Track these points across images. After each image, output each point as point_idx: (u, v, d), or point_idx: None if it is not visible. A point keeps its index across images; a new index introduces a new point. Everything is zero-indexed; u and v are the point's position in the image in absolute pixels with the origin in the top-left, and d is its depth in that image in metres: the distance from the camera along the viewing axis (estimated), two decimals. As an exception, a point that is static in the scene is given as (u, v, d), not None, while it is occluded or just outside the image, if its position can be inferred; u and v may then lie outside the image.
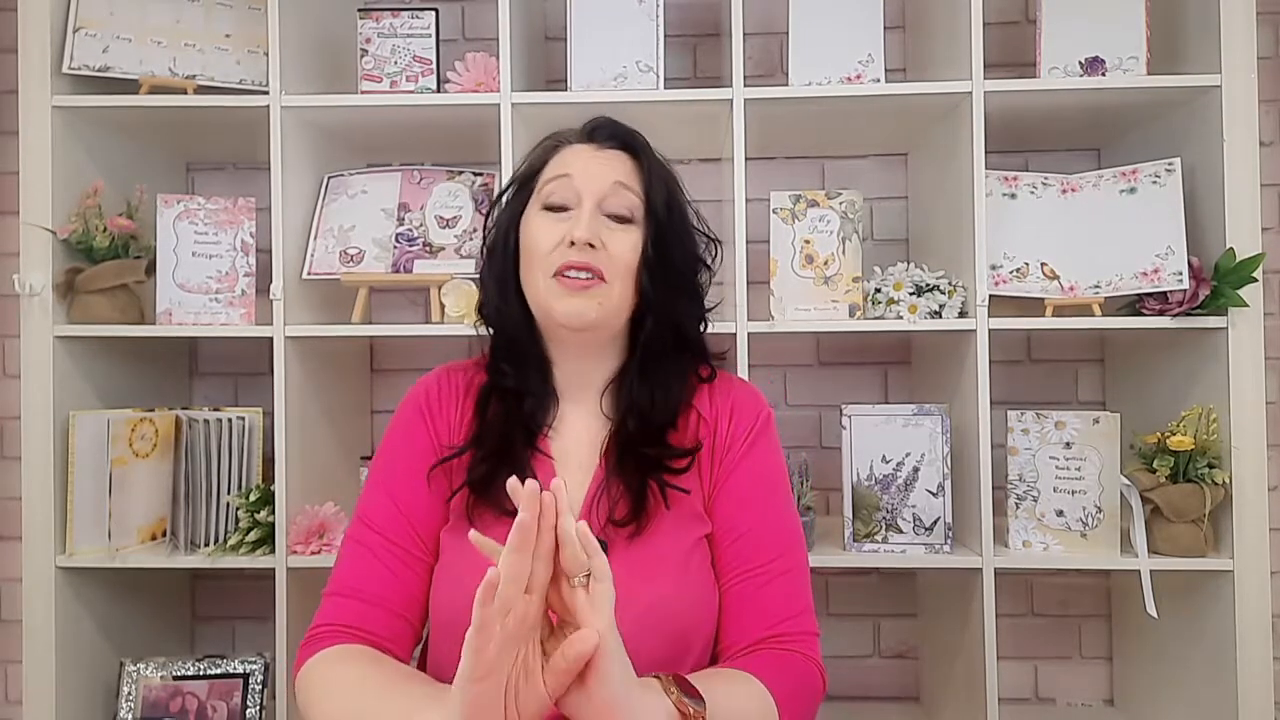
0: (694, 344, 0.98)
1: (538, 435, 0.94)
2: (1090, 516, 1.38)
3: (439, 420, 0.95)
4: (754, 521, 0.91)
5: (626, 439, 0.92)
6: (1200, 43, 1.41)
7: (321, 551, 1.42)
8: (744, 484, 0.92)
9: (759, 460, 0.94)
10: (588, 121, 0.98)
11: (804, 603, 0.90)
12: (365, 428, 1.79)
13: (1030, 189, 1.48)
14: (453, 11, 1.79)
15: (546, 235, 0.90)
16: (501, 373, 0.96)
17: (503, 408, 0.94)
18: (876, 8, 1.44)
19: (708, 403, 0.96)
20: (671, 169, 0.98)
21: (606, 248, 0.89)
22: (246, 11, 1.53)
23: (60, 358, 1.43)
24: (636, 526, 0.88)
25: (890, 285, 1.42)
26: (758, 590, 0.89)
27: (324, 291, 1.55)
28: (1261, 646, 1.33)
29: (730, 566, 0.90)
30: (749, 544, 0.90)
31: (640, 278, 0.91)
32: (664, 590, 0.86)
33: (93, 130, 1.50)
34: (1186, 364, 1.44)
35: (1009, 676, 1.74)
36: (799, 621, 0.89)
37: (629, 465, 0.90)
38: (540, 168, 0.95)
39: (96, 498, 1.42)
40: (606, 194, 0.90)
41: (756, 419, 0.95)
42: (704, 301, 0.99)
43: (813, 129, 1.62)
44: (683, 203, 0.97)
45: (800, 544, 0.93)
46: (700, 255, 0.98)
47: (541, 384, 0.96)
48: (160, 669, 1.47)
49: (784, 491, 0.95)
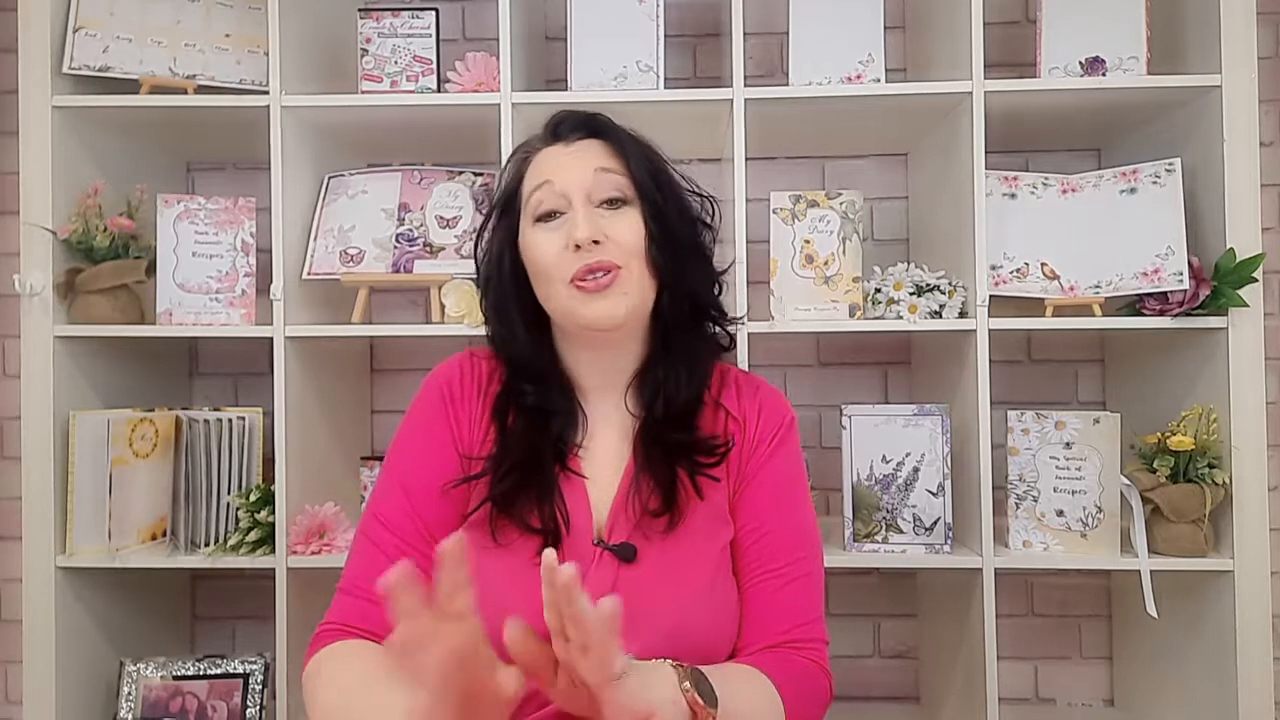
0: (711, 307, 0.97)
1: (568, 455, 0.92)
2: (1090, 516, 1.38)
3: (460, 412, 0.93)
4: (777, 522, 0.91)
5: (655, 428, 0.91)
6: (1200, 43, 1.41)
7: (322, 551, 1.42)
8: (769, 484, 0.92)
9: (784, 462, 0.94)
10: (548, 121, 0.96)
11: (818, 610, 0.91)
12: (365, 428, 1.79)
13: (1030, 189, 1.48)
14: (453, 11, 1.79)
15: (548, 245, 0.88)
16: (523, 392, 0.93)
17: (525, 423, 0.92)
18: (876, 8, 1.44)
19: (735, 402, 0.96)
20: (643, 138, 0.96)
21: (610, 237, 0.87)
22: (246, 11, 1.53)
23: (60, 358, 1.43)
24: (670, 519, 0.87)
25: (890, 285, 1.42)
26: (776, 592, 0.89)
27: (324, 291, 1.55)
28: (1261, 646, 1.33)
29: (751, 566, 0.90)
30: (771, 544, 0.90)
31: (651, 255, 0.89)
32: (691, 594, 0.85)
33: (93, 130, 1.50)
34: (1186, 364, 1.44)
35: (1009, 676, 1.74)
36: (813, 628, 0.89)
37: (657, 455, 0.90)
38: (518, 183, 0.94)
39: (96, 498, 1.42)
40: (592, 185, 0.89)
41: (782, 421, 0.95)
42: (714, 262, 0.97)
43: (813, 129, 1.62)
44: (666, 168, 0.95)
45: (819, 550, 0.93)
46: (699, 216, 0.96)
47: (565, 401, 0.94)
48: (160, 669, 1.47)
49: (806, 496, 0.95)
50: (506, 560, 0.86)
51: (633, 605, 0.73)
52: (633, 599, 0.70)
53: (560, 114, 0.95)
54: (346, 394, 1.69)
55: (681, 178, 0.97)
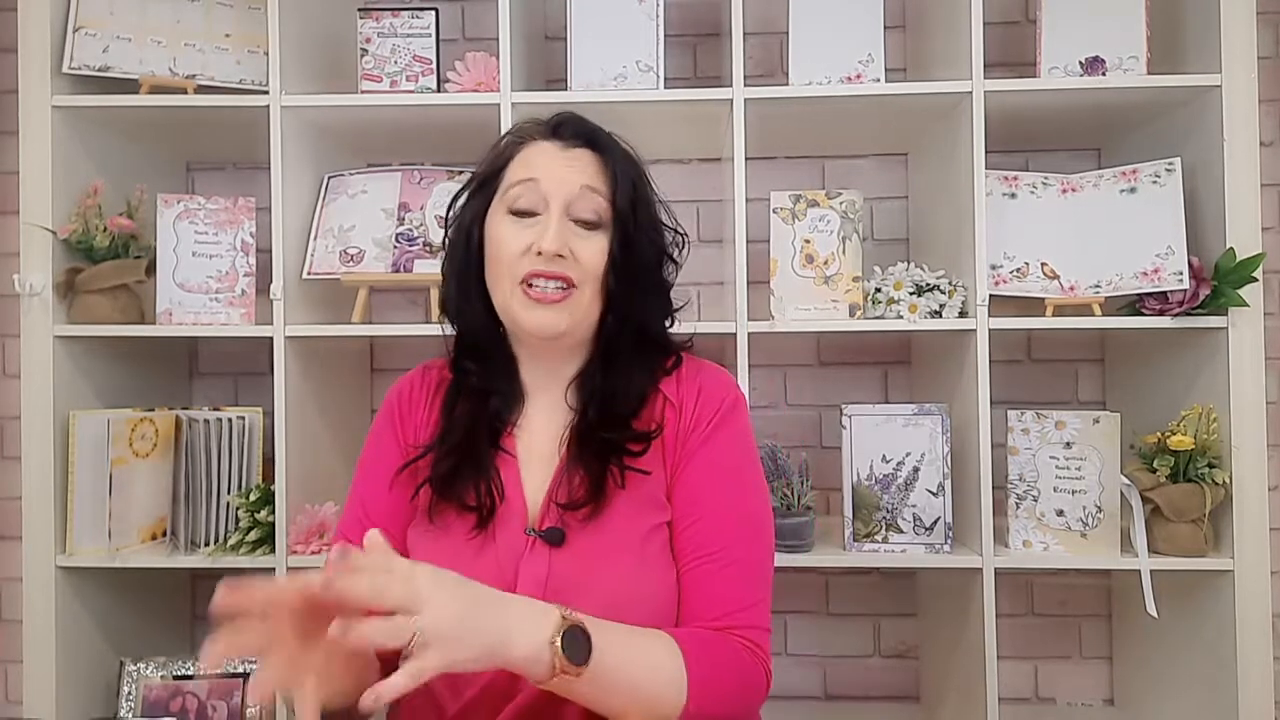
0: (657, 339, 0.97)
1: (502, 433, 0.94)
2: (1090, 516, 1.38)
3: (407, 423, 0.97)
4: (713, 506, 0.89)
5: (587, 427, 0.91)
6: (1200, 43, 1.41)
7: (321, 551, 1.42)
8: (704, 468, 0.90)
9: (723, 445, 0.91)
10: (553, 116, 0.95)
11: (758, 595, 0.87)
12: (365, 428, 1.76)
13: (1030, 189, 1.48)
14: (453, 11, 1.79)
15: (513, 241, 0.88)
16: (466, 370, 0.96)
17: (469, 405, 0.94)
18: (876, 8, 1.44)
19: (675, 387, 0.94)
20: (639, 162, 0.96)
21: (575, 255, 0.88)
22: (246, 11, 1.52)
23: (60, 358, 1.43)
24: (593, 509, 0.87)
25: (890, 285, 1.42)
26: (710, 576, 0.87)
27: (324, 291, 1.55)
28: (1261, 646, 1.33)
29: (686, 549, 0.88)
30: (705, 528, 0.88)
31: (607, 280, 0.90)
32: (621, 572, 0.85)
33: (93, 130, 1.50)
34: (1186, 364, 1.44)
35: (1009, 676, 1.74)
36: (750, 614, 0.86)
37: (589, 452, 0.90)
38: (504, 166, 0.93)
39: (96, 498, 1.42)
40: (574, 199, 0.89)
41: (722, 404, 0.93)
42: (670, 298, 0.97)
43: (813, 129, 1.62)
44: (650, 199, 0.95)
45: (762, 536, 0.90)
46: (666, 250, 0.96)
47: (507, 381, 0.96)
48: (160, 669, 1.47)
49: (749, 480, 0.92)
50: (442, 542, 0.89)
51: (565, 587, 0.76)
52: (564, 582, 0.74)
53: (566, 114, 0.95)
54: (346, 394, 1.69)
55: (664, 209, 0.97)
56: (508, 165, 0.93)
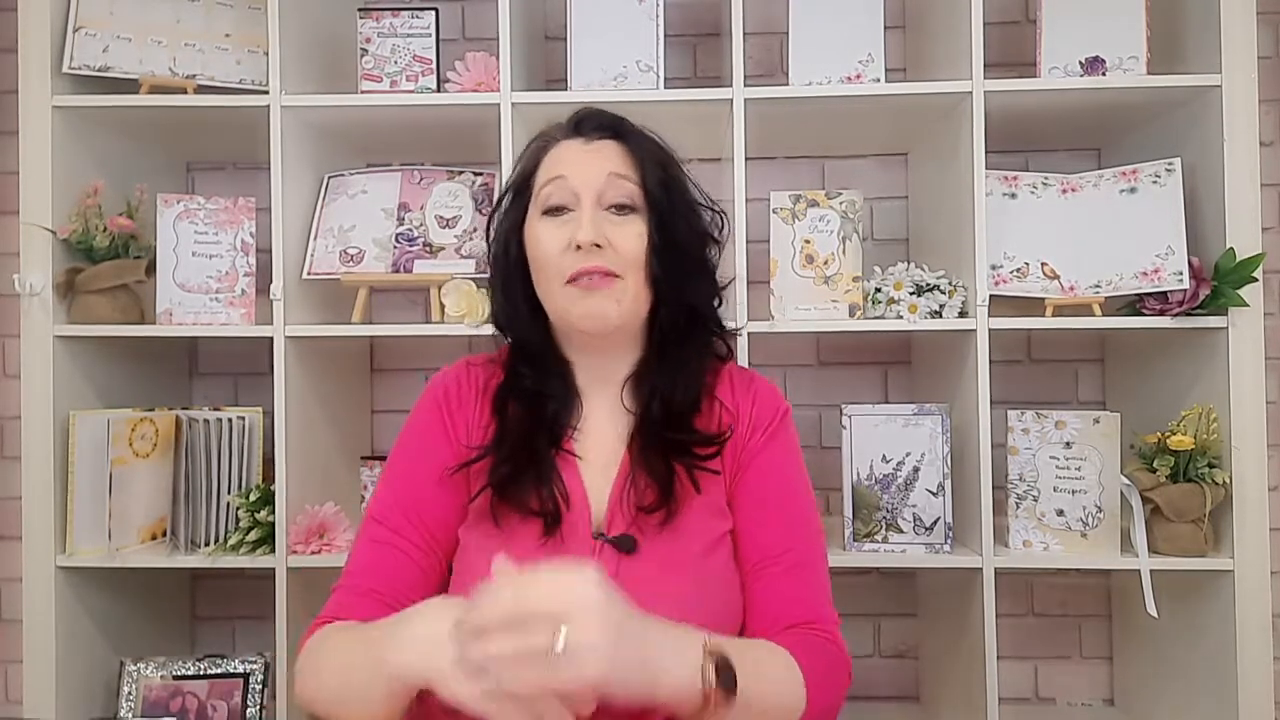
0: (710, 322, 0.97)
1: (562, 437, 0.93)
2: (1090, 516, 1.38)
3: (458, 419, 0.94)
4: (774, 511, 0.91)
5: (652, 426, 0.91)
6: (1200, 43, 1.41)
7: (321, 551, 1.42)
8: (764, 474, 0.92)
9: (779, 452, 0.94)
10: (573, 114, 0.96)
11: (825, 593, 0.91)
12: (365, 428, 1.79)
13: (1030, 189, 1.48)
14: (453, 11, 1.79)
15: (551, 240, 0.89)
16: (520, 375, 0.95)
17: (523, 408, 0.93)
18: (876, 8, 1.44)
19: (730, 393, 0.96)
20: (665, 145, 0.96)
21: (613, 244, 0.88)
22: (246, 11, 1.52)
23: (60, 358, 1.43)
24: (666, 513, 0.87)
25: (890, 285, 1.42)
26: (778, 579, 0.88)
27: (324, 291, 1.55)
28: (1261, 646, 1.33)
29: (751, 555, 0.90)
30: (770, 532, 0.90)
31: (650, 267, 0.90)
32: (693, 580, 0.86)
33: (93, 130, 1.50)
34: (1186, 364, 1.44)
35: (1009, 676, 1.74)
36: (824, 611, 0.89)
37: (654, 452, 0.90)
38: (533, 170, 0.94)
39: (96, 498, 1.42)
40: (603, 188, 0.89)
41: (776, 411, 0.95)
42: (716, 278, 0.98)
43: (813, 129, 1.62)
44: (681, 179, 0.96)
45: (820, 536, 0.93)
46: (706, 230, 0.97)
47: (562, 385, 0.95)
48: (160, 669, 1.47)
49: (804, 485, 0.95)
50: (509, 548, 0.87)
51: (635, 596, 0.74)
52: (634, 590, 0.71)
53: (586, 109, 0.96)
54: (346, 394, 1.69)
55: (696, 188, 0.97)
56: (536, 170, 0.94)
